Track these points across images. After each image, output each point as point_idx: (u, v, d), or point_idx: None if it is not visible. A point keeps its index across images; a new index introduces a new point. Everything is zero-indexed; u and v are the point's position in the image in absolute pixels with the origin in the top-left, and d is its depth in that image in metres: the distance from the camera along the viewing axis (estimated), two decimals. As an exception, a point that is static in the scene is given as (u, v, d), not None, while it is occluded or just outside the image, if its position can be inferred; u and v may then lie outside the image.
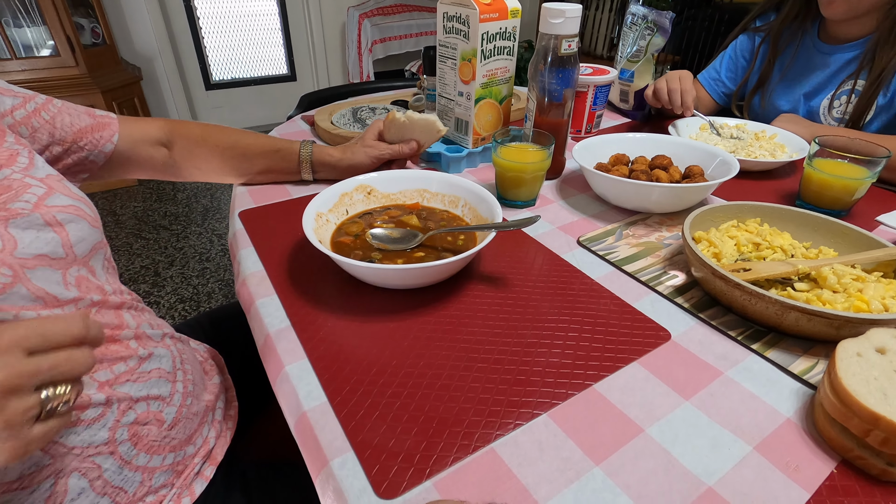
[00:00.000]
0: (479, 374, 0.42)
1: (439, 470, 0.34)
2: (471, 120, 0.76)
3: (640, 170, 0.68)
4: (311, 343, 0.45)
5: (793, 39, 0.98)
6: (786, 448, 0.36)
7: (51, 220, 0.41)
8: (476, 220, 0.59)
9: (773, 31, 0.99)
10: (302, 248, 0.58)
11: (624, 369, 0.43)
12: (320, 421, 0.38)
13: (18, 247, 0.38)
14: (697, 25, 2.72)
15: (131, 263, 1.89)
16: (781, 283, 0.51)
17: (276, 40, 3.18)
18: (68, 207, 0.43)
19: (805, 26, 0.96)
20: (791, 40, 0.98)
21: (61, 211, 0.43)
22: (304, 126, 0.98)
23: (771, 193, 0.75)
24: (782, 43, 0.99)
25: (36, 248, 0.39)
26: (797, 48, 0.97)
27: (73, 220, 0.43)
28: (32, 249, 0.39)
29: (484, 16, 0.68)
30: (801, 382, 0.42)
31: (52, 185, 0.44)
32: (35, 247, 0.39)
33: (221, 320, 0.75)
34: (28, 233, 0.39)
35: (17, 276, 0.37)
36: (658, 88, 0.93)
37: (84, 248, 0.44)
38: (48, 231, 0.41)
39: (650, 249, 0.60)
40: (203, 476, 0.50)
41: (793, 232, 0.57)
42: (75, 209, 0.44)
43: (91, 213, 0.46)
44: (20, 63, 2.16)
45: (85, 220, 0.44)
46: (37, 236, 0.40)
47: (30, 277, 0.38)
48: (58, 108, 0.54)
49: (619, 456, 0.36)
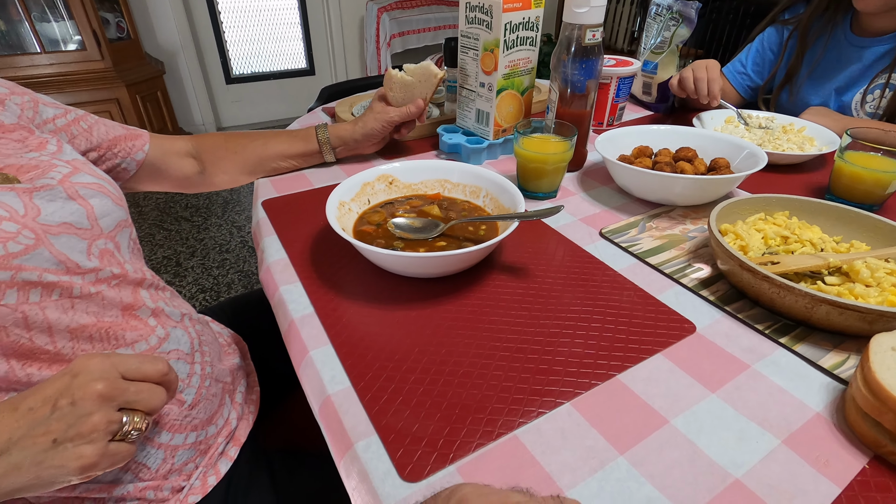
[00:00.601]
0: (502, 363, 0.42)
1: (463, 455, 0.35)
2: (492, 111, 0.76)
3: (665, 162, 0.67)
4: (334, 329, 0.46)
5: (823, 32, 0.95)
6: (815, 442, 0.36)
7: (73, 194, 0.43)
8: (498, 210, 0.58)
9: (802, 25, 0.96)
10: (324, 236, 0.59)
11: (648, 360, 0.43)
12: (344, 405, 0.39)
13: (42, 214, 0.40)
14: (722, 18, 2.66)
15: (154, 254, 1.92)
16: (811, 276, 0.50)
17: (295, 34, 3.20)
18: (91, 185, 0.45)
19: (836, 19, 0.93)
20: (821, 33, 0.95)
21: (84, 187, 0.44)
22: (325, 118, 0.98)
23: (799, 187, 0.73)
24: (811, 36, 0.96)
25: (60, 216, 0.41)
26: (827, 41, 0.94)
27: (96, 196, 0.45)
28: (57, 217, 0.40)
29: (507, 5, 0.67)
30: (832, 377, 0.41)
31: (77, 166, 0.46)
32: (59, 215, 0.41)
33: (244, 307, 0.76)
34: (53, 203, 0.41)
35: (39, 240, 0.38)
36: (684, 78, 0.92)
37: (109, 223, 0.45)
38: (73, 203, 0.42)
39: (674, 242, 0.59)
40: (227, 456, 0.51)
41: (822, 226, 0.56)
42: (98, 186, 0.46)
43: (114, 192, 0.48)
44: (48, 57, 2.21)
45: (108, 197, 0.46)
46: (62, 206, 0.41)
47: (53, 242, 0.39)
48: (94, 119, 0.57)
49: (643, 446, 0.35)
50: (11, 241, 0.36)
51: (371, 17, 3.02)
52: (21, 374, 0.38)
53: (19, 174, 0.42)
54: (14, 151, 0.44)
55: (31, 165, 0.43)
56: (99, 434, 0.34)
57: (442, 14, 3.04)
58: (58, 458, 0.33)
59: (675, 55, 0.98)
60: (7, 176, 0.41)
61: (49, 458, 0.33)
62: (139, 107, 2.42)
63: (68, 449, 0.33)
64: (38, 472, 0.33)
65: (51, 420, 0.33)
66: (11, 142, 0.45)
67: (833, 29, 0.94)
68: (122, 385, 0.35)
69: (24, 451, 0.32)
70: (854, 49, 0.91)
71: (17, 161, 0.43)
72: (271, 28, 3.12)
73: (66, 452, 0.33)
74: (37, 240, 0.38)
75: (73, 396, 0.34)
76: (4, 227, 0.36)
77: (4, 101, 0.48)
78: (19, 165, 0.43)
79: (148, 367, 0.38)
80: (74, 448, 0.33)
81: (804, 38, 0.96)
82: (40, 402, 0.33)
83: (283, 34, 3.17)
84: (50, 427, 0.33)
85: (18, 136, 0.46)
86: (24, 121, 0.48)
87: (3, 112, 0.47)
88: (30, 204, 0.39)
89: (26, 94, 0.51)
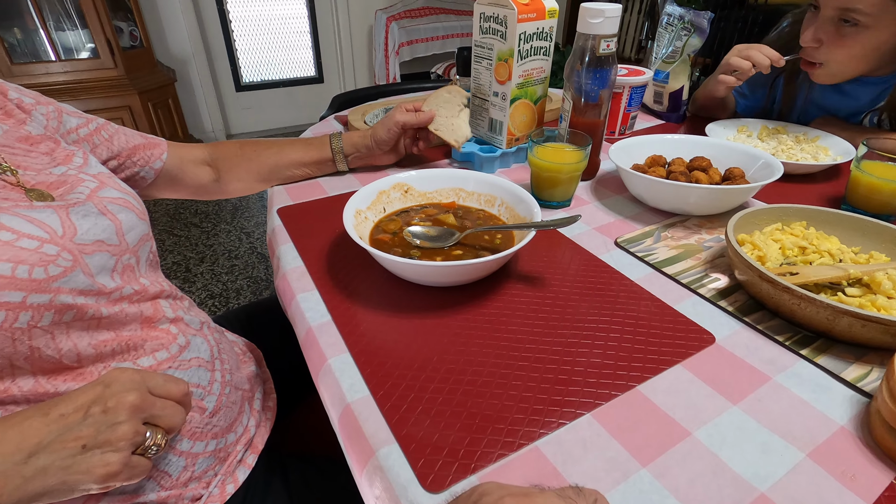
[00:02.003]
0: (521, 373, 0.42)
1: (484, 465, 0.34)
2: (505, 120, 0.76)
3: (679, 171, 0.67)
4: (352, 337, 0.46)
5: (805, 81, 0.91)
6: (841, 456, 0.35)
7: (103, 210, 0.44)
8: (513, 219, 0.59)
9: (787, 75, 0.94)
10: (340, 244, 0.59)
11: (667, 371, 0.42)
12: (364, 413, 0.39)
13: (78, 233, 0.40)
14: (730, 27, 2.67)
15: (163, 260, 1.94)
16: (830, 287, 0.49)
17: (304, 43, 3.23)
18: (118, 199, 0.46)
19: None
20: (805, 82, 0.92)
21: (112, 202, 0.45)
22: (337, 126, 0.99)
23: (814, 197, 0.73)
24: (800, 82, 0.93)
25: (94, 234, 0.41)
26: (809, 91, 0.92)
27: (123, 211, 0.46)
28: (91, 235, 0.41)
29: (522, 16, 0.68)
30: (855, 390, 0.41)
31: (103, 180, 0.48)
32: (93, 233, 0.41)
33: (257, 315, 0.77)
34: (87, 220, 0.42)
35: (76, 261, 0.39)
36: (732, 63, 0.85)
37: (134, 238, 0.46)
38: (104, 219, 0.43)
39: (690, 252, 0.59)
40: (245, 464, 0.51)
41: (840, 236, 0.56)
42: (124, 201, 0.47)
43: (138, 206, 0.49)
44: (62, 65, 2.25)
45: (133, 212, 0.47)
46: (95, 223, 0.42)
47: (87, 262, 0.40)
48: (115, 128, 0.59)
49: (666, 458, 0.35)
50: (52, 263, 0.37)
51: (380, 26, 3.05)
52: (48, 387, 0.38)
53: (50, 189, 0.43)
54: (44, 166, 0.45)
55: (61, 181, 0.44)
56: (125, 444, 0.35)
57: (450, 23, 3.07)
58: (84, 464, 0.33)
59: (686, 64, 0.98)
60: (42, 193, 0.42)
61: (77, 463, 0.33)
62: (150, 114, 2.45)
63: (96, 455, 0.34)
64: (63, 477, 0.33)
65: (82, 426, 0.34)
66: (41, 155, 0.46)
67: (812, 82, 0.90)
68: (150, 399, 0.37)
69: (52, 454, 0.33)
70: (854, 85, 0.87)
71: (48, 178, 0.44)
72: (281, 37, 3.16)
73: (93, 459, 0.33)
74: (74, 261, 0.39)
75: (106, 404, 0.34)
76: (46, 249, 0.37)
77: (31, 112, 0.49)
78: (49, 182, 0.44)
79: (172, 386, 0.40)
80: (102, 455, 0.34)
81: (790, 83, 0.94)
82: (72, 409, 0.34)
83: (292, 42, 3.21)
84: (81, 432, 0.33)
85: (46, 147, 0.47)
86: (49, 131, 0.49)
87: (30, 123, 0.48)
88: (67, 221, 0.40)
89: (51, 104, 0.52)
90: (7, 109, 0.47)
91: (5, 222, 0.36)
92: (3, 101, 0.47)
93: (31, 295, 0.35)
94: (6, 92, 0.48)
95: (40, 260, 0.36)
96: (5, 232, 0.36)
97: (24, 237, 0.36)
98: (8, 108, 0.47)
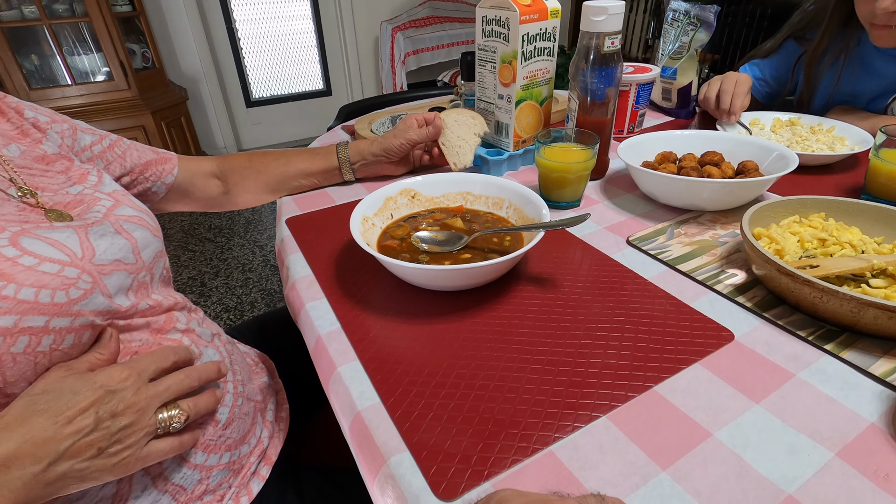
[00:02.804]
0: (533, 376, 0.41)
1: (498, 472, 0.34)
2: (511, 122, 0.76)
3: (690, 167, 0.66)
4: (361, 345, 0.45)
5: (836, 58, 0.89)
6: (872, 455, 0.34)
7: (119, 229, 0.44)
8: (522, 221, 0.58)
9: (809, 55, 0.92)
10: (348, 252, 0.59)
11: (685, 371, 0.41)
12: (374, 420, 0.38)
13: (97, 253, 0.41)
14: (738, 21, 2.64)
15: (179, 275, 1.96)
16: (853, 279, 0.47)
17: (312, 57, 3.28)
18: (133, 218, 0.47)
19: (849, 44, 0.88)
20: (835, 59, 0.89)
21: (127, 221, 0.46)
22: (344, 136, 0.99)
23: (832, 188, 0.71)
24: (822, 66, 0.91)
25: (111, 254, 0.42)
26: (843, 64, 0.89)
27: (138, 229, 0.46)
28: (108, 256, 0.42)
29: (524, 17, 0.67)
30: (885, 385, 0.39)
31: (118, 198, 0.48)
32: (111, 253, 0.42)
33: (268, 325, 0.77)
34: (104, 239, 0.42)
35: (95, 283, 0.39)
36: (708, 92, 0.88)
37: (149, 255, 0.46)
38: (120, 238, 0.43)
39: (705, 248, 0.57)
40: (259, 476, 0.51)
41: (862, 227, 0.54)
42: (139, 219, 0.47)
43: (152, 224, 0.49)
44: (78, 88, 2.31)
45: (147, 229, 0.47)
46: (112, 242, 0.43)
47: (106, 283, 0.40)
48: (127, 145, 0.59)
49: (686, 461, 0.34)
50: (73, 286, 0.37)
51: (385, 37, 3.08)
52: None
53: (68, 209, 0.44)
54: (60, 186, 0.46)
55: (77, 200, 0.45)
56: (137, 440, 0.37)
57: (455, 31, 3.08)
58: (101, 464, 0.35)
59: (694, 60, 0.97)
60: (61, 213, 0.43)
61: (94, 464, 0.35)
62: (164, 132, 2.49)
63: (110, 455, 0.36)
64: (82, 478, 0.35)
65: (95, 432, 0.35)
66: (56, 174, 0.47)
67: (849, 51, 0.88)
68: (153, 391, 0.39)
69: (70, 460, 0.34)
70: (884, 61, 0.86)
71: (65, 198, 0.45)
72: (289, 52, 3.20)
73: (109, 459, 0.36)
74: (93, 283, 0.39)
75: (114, 410, 0.36)
76: (67, 272, 0.37)
77: (46, 131, 0.49)
78: (66, 202, 0.45)
79: (161, 361, 0.41)
80: (116, 454, 0.36)
81: (811, 66, 0.92)
82: (78, 414, 0.35)
83: (300, 57, 3.25)
84: (94, 439, 0.35)
85: (61, 166, 0.48)
86: (64, 149, 0.50)
87: (45, 142, 0.48)
88: (86, 242, 0.41)
89: (66, 122, 0.53)
90: (23, 129, 0.48)
91: (27, 246, 0.37)
92: (20, 120, 0.48)
93: (53, 319, 0.35)
94: (22, 111, 0.49)
95: (62, 283, 0.36)
96: (28, 257, 0.36)
97: (45, 261, 0.36)
98: (24, 127, 0.48)
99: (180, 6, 2.70)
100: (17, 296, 0.34)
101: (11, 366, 0.34)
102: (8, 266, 0.34)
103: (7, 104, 0.48)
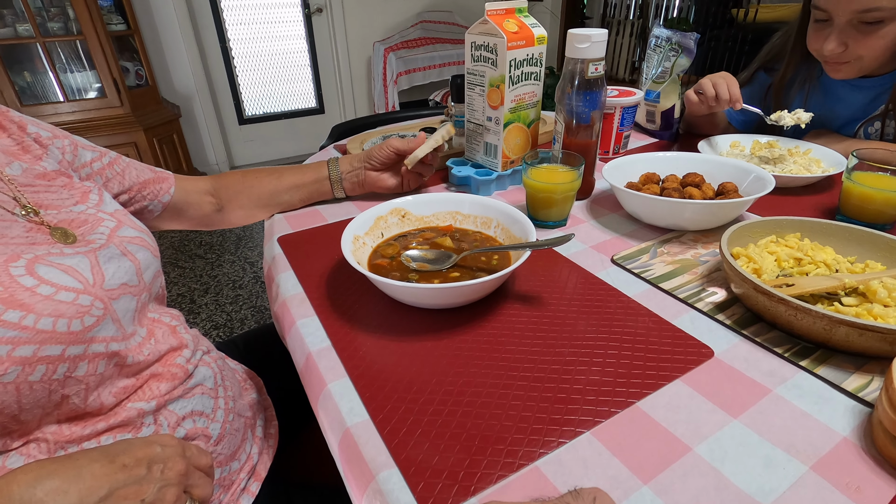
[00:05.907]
0: (519, 392, 0.42)
1: (484, 487, 0.34)
2: (500, 143, 0.78)
3: (672, 188, 0.68)
4: (351, 362, 0.46)
5: (801, 88, 0.93)
6: (845, 468, 0.35)
7: (124, 251, 0.45)
8: (509, 240, 0.59)
9: (775, 86, 0.95)
10: (339, 270, 0.60)
11: (667, 387, 0.42)
12: (363, 437, 0.39)
13: (106, 278, 0.41)
14: (720, 45, 2.72)
15: (169, 292, 1.95)
16: (827, 297, 0.49)
17: (305, 76, 3.32)
18: (135, 239, 0.47)
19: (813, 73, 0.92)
20: (801, 88, 0.93)
21: (130, 242, 0.46)
22: (336, 155, 1.01)
23: (808, 209, 0.73)
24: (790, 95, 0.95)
25: (119, 277, 0.42)
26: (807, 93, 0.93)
27: (141, 250, 0.47)
28: (116, 280, 0.42)
29: (511, 43, 0.70)
30: (857, 400, 0.40)
31: (120, 218, 0.49)
32: (118, 277, 0.42)
33: (254, 342, 0.77)
34: (111, 263, 0.43)
35: (106, 309, 0.40)
36: (703, 85, 0.89)
37: (150, 276, 0.47)
38: (125, 260, 0.44)
39: (686, 267, 0.59)
40: (249, 492, 0.51)
41: (835, 246, 0.56)
42: (140, 240, 0.48)
43: (152, 244, 0.50)
44: (70, 105, 2.32)
45: (148, 250, 0.48)
46: (119, 266, 0.43)
47: (115, 308, 0.41)
48: (126, 162, 0.60)
49: (667, 475, 0.35)
50: (87, 314, 0.38)
51: (378, 57, 3.13)
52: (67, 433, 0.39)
53: (72, 228, 0.44)
54: (62, 202, 0.46)
55: (81, 220, 0.45)
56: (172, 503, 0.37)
57: (446, 51, 3.15)
58: None
59: (676, 84, 1.00)
60: (66, 231, 0.43)
61: None
62: (156, 149, 2.50)
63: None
64: None
65: (144, 480, 0.35)
66: (60, 188, 0.47)
67: (812, 80, 0.92)
68: (192, 469, 0.40)
69: (118, 501, 0.34)
70: (847, 89, 0.89)
71: (69, 216, 0.45)
72: (282, 70, 3.24)
73: None
74: (105, 310, 0.40)
75: (165, 465, 0.37)
76: (81, 300, 0.38)
77: (48, 147, 0.49)
78: (70, 220, 0.45)
79: (203, 458, 0.42)
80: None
81: (778, 95, 0.96)
82: (134, 462, 0.35)
83: (293, 76, 3.29)
84: (143, 487, 0.35)
85: (61, 182, 0.48)
86: (64, 165, 0.50)
87: (46, 158, 0.48)
88: (96, 267, 0.41)
89: (67, 138, 0.53)
90: (25, 145, 0.47)
91: (43, 274, 0.37)
92: (21, 136, 0.47)
93: (69, 347, 0.36)
94: (25, 126, 0.48)
95: (77, 312, 0.37)
96: (45, 286, 0.36)
97: (62, 290, 0.37)
98: (26, 143, 0.47)
99: (175, 25, 2.73)
100: (36, 326, 0.34)
101: (28, 393, 0.34)
102: (27, 296, 0.35)
103: (10, 119, 0.48)
